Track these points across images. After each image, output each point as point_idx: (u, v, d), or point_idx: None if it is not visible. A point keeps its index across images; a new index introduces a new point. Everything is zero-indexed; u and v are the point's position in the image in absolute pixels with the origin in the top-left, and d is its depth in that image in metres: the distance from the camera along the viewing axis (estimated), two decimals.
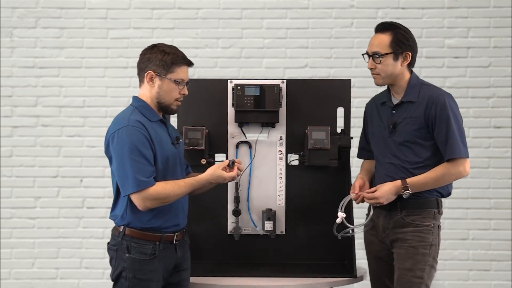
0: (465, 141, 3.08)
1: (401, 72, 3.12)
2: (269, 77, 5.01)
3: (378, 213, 3.19)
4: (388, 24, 3.15)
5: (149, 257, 2.88)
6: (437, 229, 3.12)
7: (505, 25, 5.10)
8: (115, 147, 2.84)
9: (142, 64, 2.94)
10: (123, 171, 2.82)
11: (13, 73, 5.15)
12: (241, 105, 3.36)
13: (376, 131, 3.23)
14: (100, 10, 5.15)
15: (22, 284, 5.14)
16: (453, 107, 3.07)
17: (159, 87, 2.93)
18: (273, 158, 3.45)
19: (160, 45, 2.96)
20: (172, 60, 2.91)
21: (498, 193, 5.12)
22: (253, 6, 5.15)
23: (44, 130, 5.15)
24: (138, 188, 2.80)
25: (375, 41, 3.12)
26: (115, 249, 2.90)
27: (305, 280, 3.15)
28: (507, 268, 5.11)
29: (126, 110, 2.96)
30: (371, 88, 5.13)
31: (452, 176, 3.06)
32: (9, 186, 5.14)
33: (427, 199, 3.10)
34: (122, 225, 2.90)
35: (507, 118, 5.12)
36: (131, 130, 2.83)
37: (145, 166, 2.82)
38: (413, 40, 3.14)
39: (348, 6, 5.14)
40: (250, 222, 3.45)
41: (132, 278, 2.86)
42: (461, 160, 3.04)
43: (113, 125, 2.90)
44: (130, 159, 2.80)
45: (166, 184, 2.87)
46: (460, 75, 5.12)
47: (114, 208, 2.96)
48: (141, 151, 2.82)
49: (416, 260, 3.05)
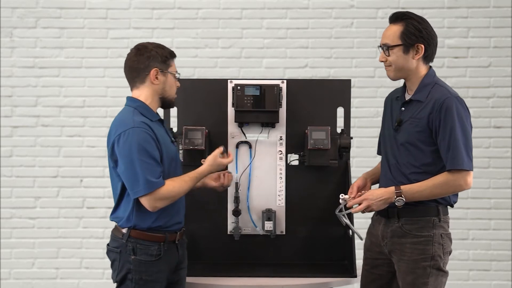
0: (471, 152, 2.88)
1: (415, 66, 2.93)
2: (269, 77, 5.01)
3: (378, 220, 3.07)
4: (401, 14, 2.96)
5: (154, 258, 2.88)
6: (440, 238, 2.92)
7: (505, 25, 5.10)
8: (122, 149, 2.82)
9: (142, 65, 2.93)
10: (133, 173, 2.80)
11: (13, 73, 5.15)
12: (241, 105, 3.36)
13: (386, 127, 3.11)
14: (100, 10, 5.15)
15: (22, 284, 5.14)
16: (461, 113, 2.86)
17: (164, 82, 2.95)
18: (273, 158, 3.45)
19: (148, 44, 2.98)
20: (167, 55, 2.96)
21: (498, 193, 5.12)
22: (253, 6, 5.15)
23: (44, 130, 5.15)
24: (150, 189, 2.80)
25: (386, 32, 2.96)
26: (119, 251, 2.89)
27: (305, 280, 3.15)
28: (507, 268, 5.11)
29: (126, 112, 2.93)
30: (371, 88, 5.17)
31: (451, 188, 2.86)
32: (9, 186, 5.14)
33: (426, 206, 2.92)
34: (127, 227, 2.89)
35: (507, 118, 5.12)
36: (137, 131, 2.82)
37: (154, 167, 2.82)
38: (428, 31, 2.92)
39: (348, 6, 5.14)
40: (250, 222, 3.45)
41: (138, 279, 2.86)
42: (463, 172, 2.84)
43: (116, 127, 2.87)
44: (140, 161, 2.79)
45: (174, 182, 2.88)
46: (460, 75, 5.12)
47: (116, 209, 2.94)
48: (149, 152, 2.81)
49: (417, 274, 2.90)
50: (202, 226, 3.45)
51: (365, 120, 5.09)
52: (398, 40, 2.92)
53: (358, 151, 4.88)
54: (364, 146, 4.99)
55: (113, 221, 2.97)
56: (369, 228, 3.16)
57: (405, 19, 2.95)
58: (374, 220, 3.13)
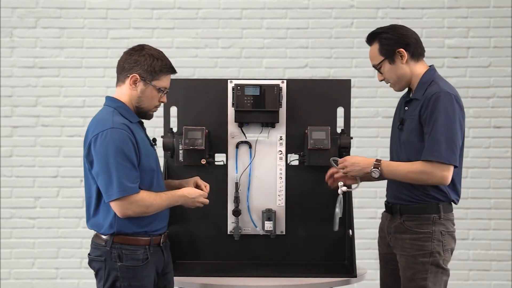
0: (455, 146, 2.85)
1: (408, 70, 3.00)
2: (269, 77, 5.01)
3: (385, 216, 3.15)
4: (372, 34, 3.06)
5: (142, 262, 2.78)
6: (440, 235, 2.95)
7: (505, 25, 5.10)
8: (98, 150, 2.70)
9: (127, 65, 2.82)
10: (107, 176, 2.68)
11: (13, 73, 5.15)
12: (241, 105, 3.35)
13: (393, 126, 3.17)
14: (100, 10, 5.15)
15: (22, 284, 5.14)
16: (448, 107, 2.87)
17: (142, 92, 2.82)
18: (273, 158, 3.45)
19: (147, 48, 2.85)
20: (160, 68, 2.82)
21: (498, 193, 5.12)
22: (253, 6, 5.15)
23: (44, 130, 5.15)
24: (124, 193, 2.68)
25: (370, 55, 3.08)
26: (103, 259, 2.78)
27: (305, 280, 3.15)
28: (507, 268, 5.11)
29: (105, 111, 2.81)
30: (371, 88, 5.17)
31: (427, 178, 2.86)
32: (9, 186, 5.14)
33: (426, 204, 2.97)
34: (110, 233, 2.77)
35: (507, 118, 5.12)
36: (116, 132, 2.70)
37: (131, 171, 2.71)
38: (400, 34, 3.00)
39: (348, 6, 5.14)
40: (250, 222, 3.44)
41: (127, 286, 2.77)
42: (442, 165, 2.84)
43: (94, 127, 2.76)
44: (116, 163, 2.67)
45: (150, 193, 2.77)
46: (460, 75, 5.12)
47: (94, 216, 2.82)
48: (127, 154, 2.70)
49: (416, 270, 2.95)
50: (202, 226, 3.45)
51: (365, 120, 5.09)
52: (380, 56, 3.03)
53: (358, 151, 4.88)
54: (364, 146, 4.99)
55: (92, 229, 2.85)
56: (379, 224, 3.23)
57: (376, 35, 3.05)
58: (382, 216, 3.19)
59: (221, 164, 3.44)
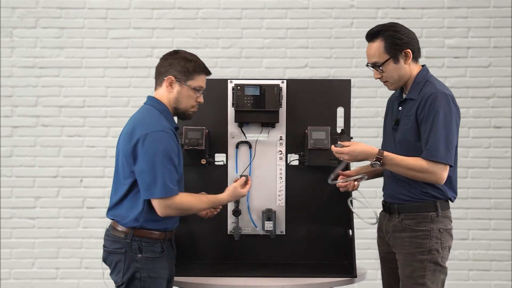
0: (451, 147, 2.89)
1: (408, 70, 3.02)
2: (269, 77, 5.01)
3: (383, 215, 3.16)
4: (375, 30, 3.03)
5: (159, 254, 2.91)
6: (438, 233, 2.97)
7: (505, 25, 5.10)
8: (147, 149, 2.82)
9: (163, 68, 2.97)
10: (152, 175, 2.81)
11: (13, 73, 5.15)
12: (241, 105, 3.35)
13: (387, 127, 3.19)
14: (100, 10, 5.15)
15: (22, 284, 5.14)
16: (445, 108, 2.90)
17: (178, 92, 2.97)
18: (273, 158, 3.45)
19: (181, 52, 3.01)
20: (193, 68, 2.97)
21: (498, 193, 5.12)
22: (253, 6, 5.15)
23: (44, 130, 5.15)
24: (166, 194, 2.82)
25: (370, 52, 3.05)
26: (123, 251, 2.88)
27: (305, 280, 3.15)
28: (507, 268, 5.11)
29: (151, 113, 2.94)
30: (371, 88, 5.17)
31: (426, 176, 2.90)
32: (9, 186, 5.14)
33: (423, 202, 2.99)
34: (133, 226, 2.88)
35: (507, 118, 5.12)
36: (165, 136, 2.85)
37: (173, 174, 2.86)
38: (407, 34, 3.02)
39: (348, 6, 5.14)
40: (250, 222, 3.44)
41: (146, 277, 2.88)
42: (441, 165, 2.88)
43: (142, 126, 2.86)
44: (162, 164, 2.82)
45: (190, 196, 2.94)
46: (460, 75, 5.12)
47: (116, 206, 2.92)
48: (173, 158, 2.85)
49: (414, 267, 2.97)
50: (202, 226, 3.45)
51: (365, 120, 5.09)
52: (385, 55, 3.01)
53: None
54: None
55: (113, 219, 2.94)
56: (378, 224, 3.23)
57: (381, 33, 3.02)
58: (381, 216, 3.20)
59: (221, 164, 3.45)
